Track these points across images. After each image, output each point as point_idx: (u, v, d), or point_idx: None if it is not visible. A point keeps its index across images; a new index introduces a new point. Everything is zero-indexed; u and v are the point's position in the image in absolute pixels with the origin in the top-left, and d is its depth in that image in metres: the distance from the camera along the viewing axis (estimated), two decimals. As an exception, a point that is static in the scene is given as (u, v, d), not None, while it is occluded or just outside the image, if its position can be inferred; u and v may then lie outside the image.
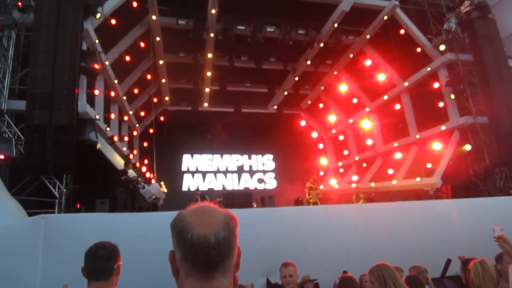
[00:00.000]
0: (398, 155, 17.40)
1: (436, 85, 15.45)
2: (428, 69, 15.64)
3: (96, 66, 11.58)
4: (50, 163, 9.57)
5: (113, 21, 13.10)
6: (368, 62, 18.04)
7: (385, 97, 17.96)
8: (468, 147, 14.33)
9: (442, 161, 14.52)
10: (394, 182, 16.13)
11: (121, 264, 2.44)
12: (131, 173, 14.71)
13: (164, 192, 16.98)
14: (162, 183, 17.39)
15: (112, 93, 15.04)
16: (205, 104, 20.68)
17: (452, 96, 14.93)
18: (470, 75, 14.82)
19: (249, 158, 22.95)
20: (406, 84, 16.69)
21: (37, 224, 6.51)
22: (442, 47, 15.21)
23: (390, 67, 17.21)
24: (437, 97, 15.48)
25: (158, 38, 15.29)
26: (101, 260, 2.35)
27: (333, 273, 5.78)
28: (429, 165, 15.69)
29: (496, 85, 13.65)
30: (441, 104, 15.39)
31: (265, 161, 23.12)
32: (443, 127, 15.14)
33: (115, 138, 14.29)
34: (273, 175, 22.84)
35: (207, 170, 21.87)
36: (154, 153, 16.12)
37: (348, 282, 4.53)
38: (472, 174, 14.16)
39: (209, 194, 15.48)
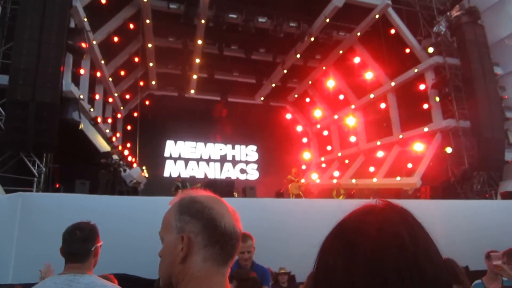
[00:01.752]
0: (380, 154, 17.61)
1: (422, 86, 15.63)
2: (416, 70, 15.80)
3: (83, 45, 11.41)
4: (30, 140, 9.43)
5: (103, 0, 12.90)
6: (357, 60, 18.13)
7: (371, 96, 18.11)
8: (449, 150, 14.58)
9: (422, 162, 14.75)
10: (374, 180, 16.32)
11: (100, 244, 2.42)
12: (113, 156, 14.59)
13: (145, 176, 16.89)
14: (143, 167, 17.28)
15: (98, 74, 14.85)
16: (192, 91, 20.54)
17: (437, 99, 15.15)
18: (456, 79, 15.04)
19: (233, 148, 22.90)
20: (392, 84, 16.84)
21: (14, 201, 6.43)
22: (431, 50, 15.39)
23: (378, 65, 17.33)
24: (422, 98, 15.68)
25: (148, 21, 15.10)
26: (78, 242, 2.32)
27: (310, 266, 5.85)
28: (410, 165, 15.93)
29: (480, 90, 13.89)
30: (425, 106, 15.60)
31: (249, 152, 23.12)
32: (426, 129, 15.36)
33: (99, 120, 14.15)
34: (255, 166, 22.86)
35: (189, 158, 21.76)
36: (137, 137, 15.98)
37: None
38: (451, 177, 14.42)
39: (190, 182, 15.45)
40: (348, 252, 0.79)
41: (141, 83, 18.39)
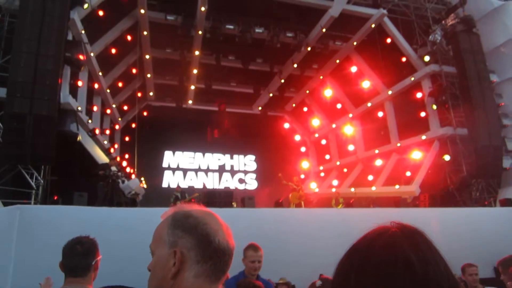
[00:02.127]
0: (378, 162, 17.62)
1: (419, 95, 15.69)
2: (412, 78, 15.88)
3: (81, 57, 11.44)
4: (28, 153, 9.41)
5: (101, 13, 12.97)
6: (353, 69, 18.22)
7: (369, 104, 18.17)
8: (447, 158, 14.60)
9: (421, 170, 14.75)
10: (373, 188, 16.31)
11: (100, 258, 2.41)
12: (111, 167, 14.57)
13: (143, 187, 16.84)
14: (142, 178, 17.25)
15: (96, 85, 14.88)
16: (190, 102, 20.59)
17: (434, 107, 15.20)
18: (453, 87, 15.11)
19: (231, 158, 22.90)
20: (390, 92, 16.91)
21: (12, 214, 6.40)
22: (427, 58, 15.48)
23: (375, 74, 17.42)
24: (420, 107, 15.74)
25: (145, 32, 15.17)
26: (78, 257, 2.31)
27: (309, 276, 5.83)
28: (408, 174, 15.92)
29: (477, 98, 13.94)
30: (423, 114, 15.64)
31: (247, 162, 23.11)
32: (423, 137, 15.39)
33: (97, 131, 14.15)
34: (254, 176, 22.84)
35: (188, 168, 21.74)
36: (135, 148, 16.00)
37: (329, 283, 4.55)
38: (450, 184, 14.42)
39: (189, 192, 15.40)
40: (359, 273, 0.80)
41: (139, 94, 18.44)
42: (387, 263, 0.78)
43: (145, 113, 20.01)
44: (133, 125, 18.20)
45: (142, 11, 14.18)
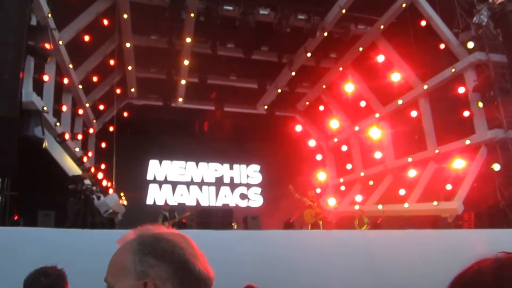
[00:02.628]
0: (412, 173, 17.54)
1: (461, 90, 15.62)
2: (453, 70, 15.83)
3: (47, 45, 11.47)
4: (-17, 163, 9.44)
5: (71, -8, 13.05)
6: (380, 58, 18.21)
7: (400, 102, 18.13)
8: (496, 167, 14.49)
9: (464, 182, 14.66)
10: (406, 205, 16.23)
11: (69, 291, 2.41)
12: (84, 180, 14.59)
13: (124, 205, 16.84)
14: (122, 194, 17.26)
15: (65, 80, 14.93)
16: (180, 100, 20.63)
17: (480, 105, 15.11)
18: (503, 80, 15.02)
19: (231, 168, 22.91)
20: (425, 87, 16.87)
21: (-37, 238, 6.42)
22: (470, 45, 15.40)
23: (407, 65, 17.39)
24: (462, 104, 15.65)
25: (125, 16, 15.25)
26: (43, 291, 2.30)
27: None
28: (449, 187, 15.83)
29: (533, 93, 13.88)
30: (466, 114, 15.56)
31: (250, 173, 23.10)
32: (467, 141, 15.31)
33: (66, 136, 14.18)
34: (259, 190, 22.82)
35: (178, 181, 21.76)
36: (114, 157, 15.99)
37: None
38: (500, 200, 14.31)
39: (179, 210, 15.39)
40: None
41: (118, 91, 18.47)
42: None
43: (125, 114, 20.07)
44: (111, 129, 18.23)
45: (122, -11, 14.29)
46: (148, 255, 1.21)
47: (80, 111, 17.06)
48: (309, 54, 18.13)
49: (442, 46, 16.21)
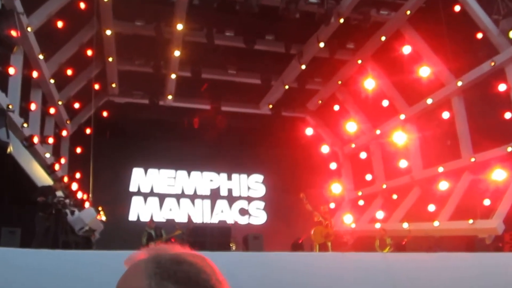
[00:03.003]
0: (443, 185, 17.50)
1: (501, 87, 15.60)
2: (492, 64, 15.81)
3: (13, 33, 11.51)
4: None
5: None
6: (406, 49, 18.19)
7: (429, 101, 18.11)
8: (544, 179, 14.48)
9: (505, 197, 14.63)
10: (436, 223, 16.20)
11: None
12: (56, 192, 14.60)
13: (102, 221, 16.84)
14: (100, 208, 17.26)
15: (35, 74, 14.94)
16: (169, 97, 20.64)
17: (524, 105, 15.13)
18: (551, 76, 15.03)
19: (229, 178, 22.90)
20: (459, 83, 16.87)
21: None
22: (513, 34, 15.42)
23: (438, 58, 17.37)
24: (503, 104, 15.64)
25: (106, -2, 15.28)
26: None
27: None
28: (487, 202, 15.80)
29: None
30: (507, 115, 15.55)
31: (252, 184, 23.09)
32: (509, 149, 15.30)
33: (35, 139, 14.17)
34: (262, 204, 22.81)
35: (166, 193, 21.76)
36: (91, 164, 15.98)
37: None
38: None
39: (168, 228, 15.40)
40: None
41: (97, 87, 18.45)
42: None
43: (105, 114, 20.05)
44: (88, 131, 18.22)
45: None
46: (168, 279, 1.16)
47: (52, 110, 17.06)
48: (322, 44, 18.11)
49: (479, 35, 16.20)
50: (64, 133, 18.92)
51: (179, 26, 16.63)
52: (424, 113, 18.86)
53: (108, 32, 16.81)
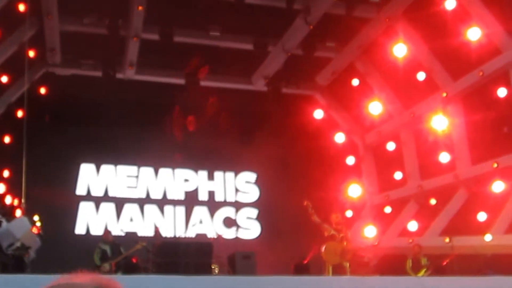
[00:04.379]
0: (498, 187, 17.56)
1: None
2: None
3: None
4: None
5: None
6: (450, 4, 18.18)
7: (480, 74, 18.13)
8: None
9: None
10: (488, 238, 16.30)
11: None
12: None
13: (39, 235, 16.85)
14: (35, 218, 17.26)
15: None
16: (130, 69, 20.60)
17: None
18: None
19: (210, 177, 22.93)
20: (520, 50, 16.93)
21: None
22: None
23: (491, 15, 17.39)
24: None
25: None
26: None
27: None
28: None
29: None
30: None
31: (241, 185, 23.14)
32: None
33: None
34: (254, 212, 22.85)
35: (125, 197, 21.77)
36: (23, 159, 15.97)
37: None
38: None
39: (128, 244, 15.41)
40: None
41: (31, 53, 18.43)
42: None
43: (43, 90, 19.99)
44: (20, 113, 18.19)
45: None
46: None
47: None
48: (336, -3, 18.18)
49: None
50: (-13, 116, 18.90)
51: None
52: (473, 90, 18.89)
53: (47, -20, 16.79)
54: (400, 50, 19.47)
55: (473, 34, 17.41)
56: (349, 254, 14.50)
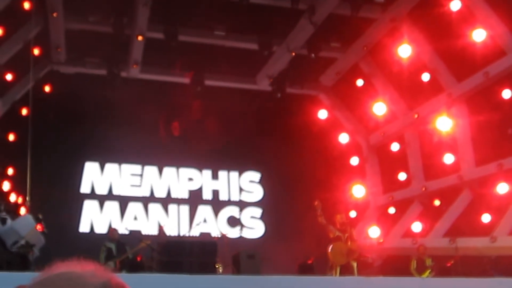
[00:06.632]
0: (502, 188, 17.53)
1: None
2: None
3: None
4: None
5: None
6: (455, 5, 18.15)
7: (484, 75, 18.08)
8: None
9: None
10: (492, 239, 16.25)
11: None
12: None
13: (43, 233, 16.85)
14: (40, 216, 17.25)
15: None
16: (135, 67, 20.59)
17: None
18: None
19: (214, 176, 22.90)
20: (526, 51, 16.89)
21: None
22: None
23: (497, 16, 17.35)
24: None
25: None
26: None
27: None
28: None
29: None
30: None
31: (245, 185, 23.11)
32: None
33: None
34: (258, 212, 22.83)
35: (130, 195, 21.75)
36: (28, 157, 15.96)
37: None
38: None
39: (133, 242, 15.40)
40: None
41: (36, 52, 18.43)
42: None
43: (47, 89, 19.99)
44: (24, 111, 18.18)
45: None
46: None
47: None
48: (341, -4, 18.16)
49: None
50: (-9, 114, 18.89)
51: (149, -29, 16.63)
52: (477, 91, 18.85)
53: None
54: (404, 50, 19.46)
55: (478, 35, 17.38)
56: (357, 252, 14.49)
